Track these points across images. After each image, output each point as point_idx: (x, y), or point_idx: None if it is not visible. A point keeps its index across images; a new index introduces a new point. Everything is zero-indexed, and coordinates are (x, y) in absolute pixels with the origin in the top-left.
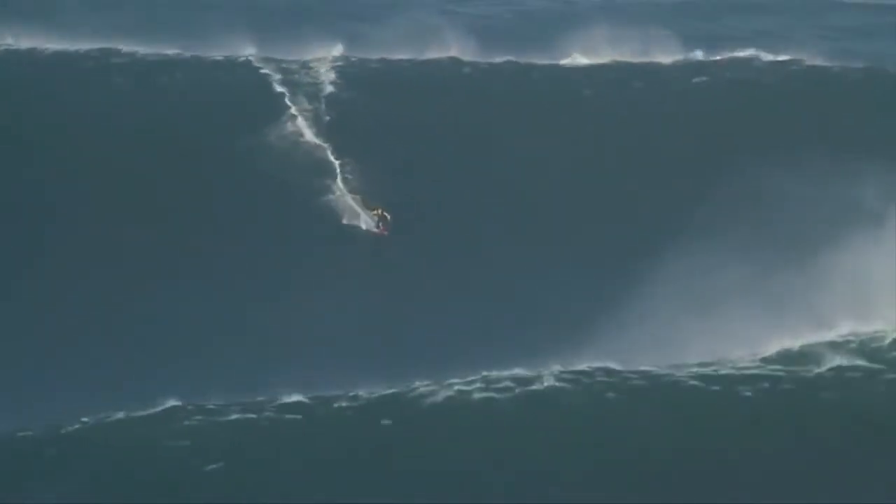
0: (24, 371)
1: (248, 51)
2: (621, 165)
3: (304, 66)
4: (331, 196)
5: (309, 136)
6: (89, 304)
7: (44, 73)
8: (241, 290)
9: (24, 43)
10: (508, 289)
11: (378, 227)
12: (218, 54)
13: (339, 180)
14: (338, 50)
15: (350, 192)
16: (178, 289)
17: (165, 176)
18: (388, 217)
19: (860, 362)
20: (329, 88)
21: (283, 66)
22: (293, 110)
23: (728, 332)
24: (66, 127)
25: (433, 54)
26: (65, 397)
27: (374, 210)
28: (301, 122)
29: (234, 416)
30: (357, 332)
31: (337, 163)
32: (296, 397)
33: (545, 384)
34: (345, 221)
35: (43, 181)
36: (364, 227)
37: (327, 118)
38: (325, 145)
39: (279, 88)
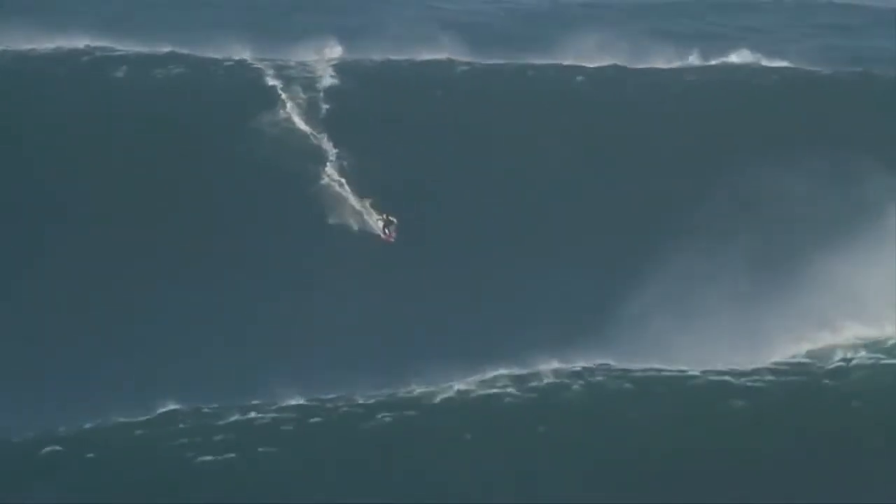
0: (23, 371)
1: (243, 51)
2: (620, 166)
3: (300, 66)
4: (330, 198)
5: (309, 136)
6: (86, 305)
7: (41, 71)
8: (240, 289)
9: (21, 42)
10: (507, 288)
11: (384, 232)
12: (215, 53)
13: (334, 173)
14: (333, 50)
15: (358, 196)
16: (177, 288)
17: (164, 175)
18: (395, 221)
19: (862, 364)
20: (325, 88)
21: (280, 65)
22: (290, 109)
23: (728, 334)
24: (63, 125)
25: (428, 53)
26: (63, 398)
27: (380, 215)
28: (300, 122)
29: (233, 418)
30: (356, 332)
31: (334, 161)
32: (295, 398)
33: (544, 381)
34: (331, 221)
35: (36, 180)
36: (356, 226)
37: (324, 118)
38: (324, 144)
39: (278, 88)
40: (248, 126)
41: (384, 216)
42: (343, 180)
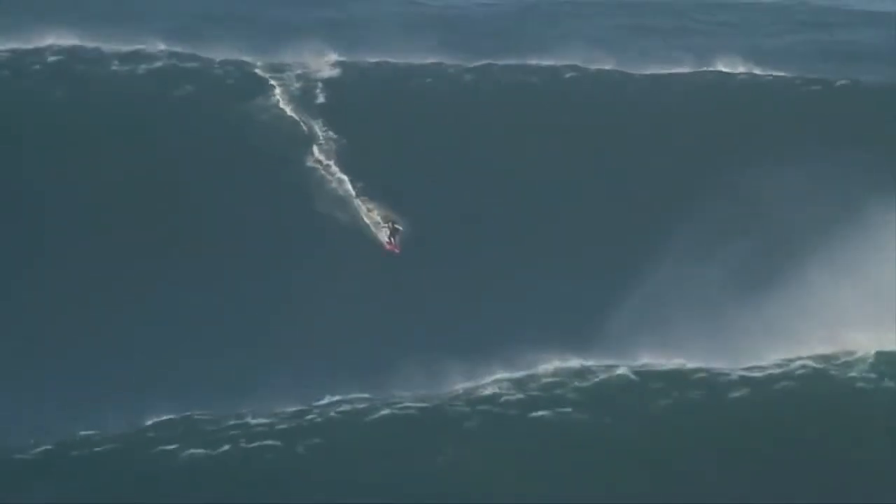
0: (22, 372)
1: (227, 50)
2: (619, 166)
3: (293, 67)
4: (333, 198)
5: (306, 132)
6: (86, 306)
7: (38, 70)
8: (240, 291)
9: (15, 40)
10: (506, 288)
11: (390, 241)
12: (207, 51)
13: (331, 163)
14: (323, 53)
15: (364, 202)
16: (177, 290)
17: (164, 175)
18: (401, 230)
19: (863, 362)
20: (319, 91)
21: (275, 65)
22: (282, 103)
23: (728, 332)
24: (59, 125)
25: (419, 53)
26: (63, 398)
27: (385, 223)
28: (293, 114)
29: (231, 420)
30: (356, 333)
31: (333, 157)
32: (294, 398)
33: (543, 381)
34: (318, 209)
35: (34, 180)
36: (343, 218)
37: (318, 116)
38: (326, 148)
39: (276, 88)
40: (242, 122)
41: (390, 224)
42: (332, 163)
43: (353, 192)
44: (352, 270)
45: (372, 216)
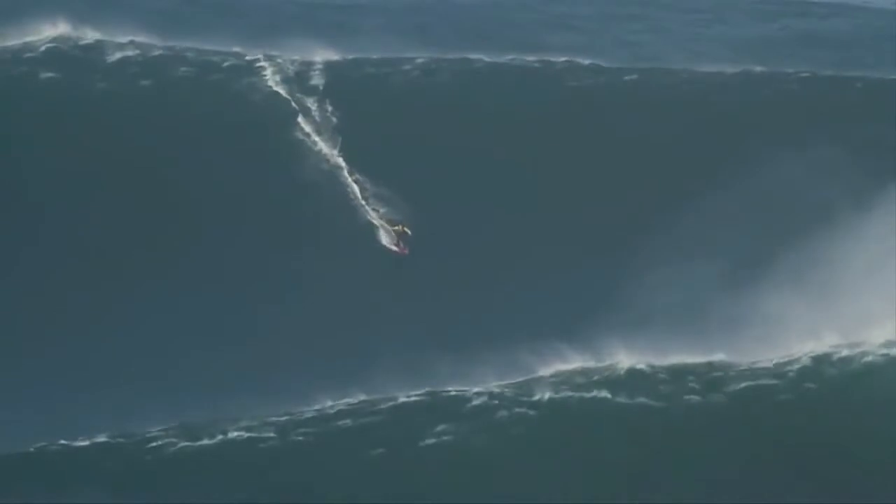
0: (17, 371)
1: (233, 46)
2: (619, 165)
3: (293, 63)
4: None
5: (316, 140)
6: (78, 306)
7: (38, 67)
8: (239, 291)
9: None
10: (507, 288)
11: (398, 245)
12: (200, 43)
13: (348, 178)
14: (321, 49)
15: (371, 208)
16: (174, 289)
17: (160, 172)
18: (409, 233)
19: (873, 357)
20: (320, 89)
21: (276, 61)
22: (295, 107)
23: (729, 330)
24: (54, 115)
25: (415, 49)
26: (55, 398)
27: (394, 226)
28: (303, 121)
29: (228, 419)
30: (355, 333)
31: (343, 164)
32: (293, 398)
33: (544, 381)
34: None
35: (29, 174)
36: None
37: (333, 120)
38: (327, 147)
39: (279, 88)
40: (237, 115)
41: (399, 227)
42: (355, 185)
43: (368, 205)
44: (350, 270)
45: (384, 225)
